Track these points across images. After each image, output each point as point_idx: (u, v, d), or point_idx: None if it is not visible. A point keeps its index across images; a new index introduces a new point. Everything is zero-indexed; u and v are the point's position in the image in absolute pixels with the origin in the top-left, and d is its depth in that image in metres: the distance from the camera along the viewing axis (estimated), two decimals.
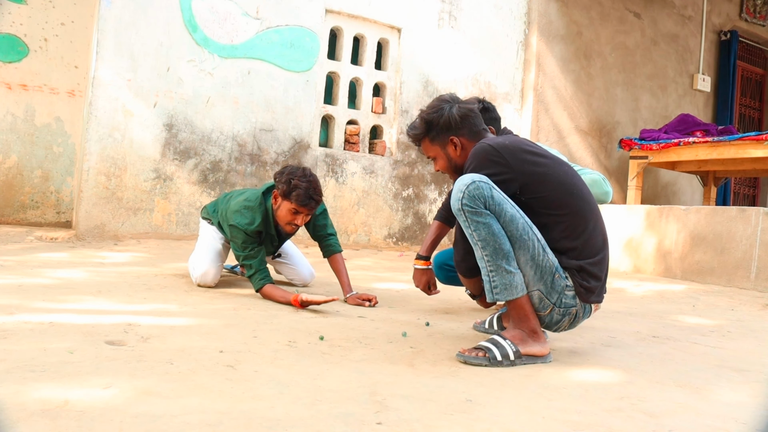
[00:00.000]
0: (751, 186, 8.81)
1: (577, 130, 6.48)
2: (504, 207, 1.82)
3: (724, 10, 7.86)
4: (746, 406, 1.61)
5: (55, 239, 4.23)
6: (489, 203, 1.81)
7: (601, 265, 1.93)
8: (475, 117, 2.10)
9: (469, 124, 2.08)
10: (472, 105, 2.14)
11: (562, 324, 1.95)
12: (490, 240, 1.82)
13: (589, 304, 1.94)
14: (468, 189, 1.81)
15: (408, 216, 5.61)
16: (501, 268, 1.83)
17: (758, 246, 3.97)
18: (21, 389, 1.33)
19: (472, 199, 1.80)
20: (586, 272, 1.89)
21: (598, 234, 1.94)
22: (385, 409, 1.38)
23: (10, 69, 5.03)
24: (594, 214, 1.96)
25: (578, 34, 6.48)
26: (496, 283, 1.85)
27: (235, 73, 4.82)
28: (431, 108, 2.11)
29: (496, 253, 1.82)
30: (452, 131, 2.08)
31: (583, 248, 1.89)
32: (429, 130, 2.10)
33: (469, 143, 2.08)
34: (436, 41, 5.73)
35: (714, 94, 7.82)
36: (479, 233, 1.82)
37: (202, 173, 4.72)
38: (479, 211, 1.81)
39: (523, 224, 1.84)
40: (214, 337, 1.95)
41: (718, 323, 2.92)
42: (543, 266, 1.85)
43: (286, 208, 2.70)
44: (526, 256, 1.84)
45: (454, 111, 2.07)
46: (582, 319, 1.97)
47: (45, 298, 2.37)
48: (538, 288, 1.87)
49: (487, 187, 1.82)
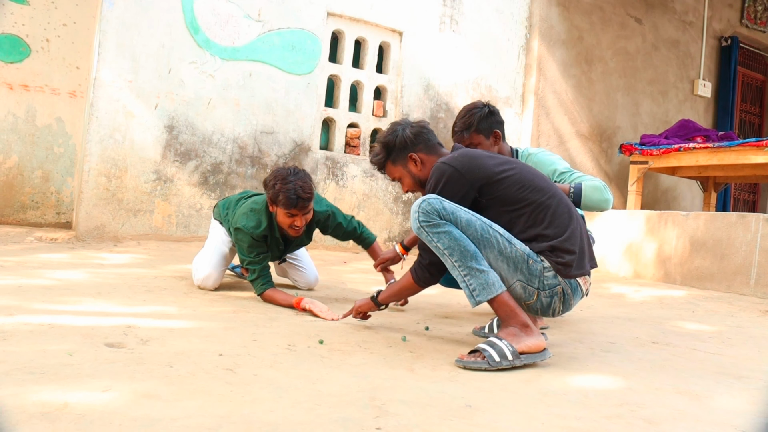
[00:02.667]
0: (751, 192, 8.81)
1: (578, 134, 6.48)
2: (458, 214, 1.94)
3: (724, 16, 7.87)
4: (745, 413, 1.61)
5: (55, 240, 4.23)
6: (443, 214, 1.93)
7: (572, 239, 1.98)
8: (428, 133, 2.26)
9: (423, 140, 2.23)
10: (424, 123, 2.29)
11: (555, 306, 2.00)
12: (454, 246, 1.91)
13: (573, 279, 1.97)
14: (420, 207, 1.94)
15: (408, 219, 5.61)
16: (473, 269, 1.90)
17: (758, 252, 3.97)
18: (20, 391, 1.33)
19: (426, 215, 1.94)
20: (559, 249, 1.96)
21: (563, 213, 2.01)
22: (385, 414, 1.38)
23: (11, 69, 5.03)
24: (554, 198, 2.03)
25: (579, 38, 6.48)
26: (473, 286, 1.91)
27: (237, 76, 4.82)
28: (386, 133, 2.28)
29: (464, 256, 1.91)
30: (409, 149, 2.22)
31: (549, 231, 1.97)
32: (389, 152, 2.26)
33: (427, 157, 2.23)
34: (438, 45, 5.73)
35: (714, 99, 7.82)
36: (443, 242, 1.93)
37: (203, 175, 4.72)
38: (436, 222, 1.93)
39: (480, 225, 1.95)
40: (214, 340, 1.95)
41: (717, 329, 2.92)
42: (514, 257, 1.94)
43: (280, 213, 2.68)
44: (494, 253, 1.94)
45: (407, 131, 2.23)
46: (574, 298, 2.01)
47: (44, 299, 2.37)
48: (518, 278, 1.95)
49: (437, 201, 1.94)
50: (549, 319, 2.84)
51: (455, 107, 5.73)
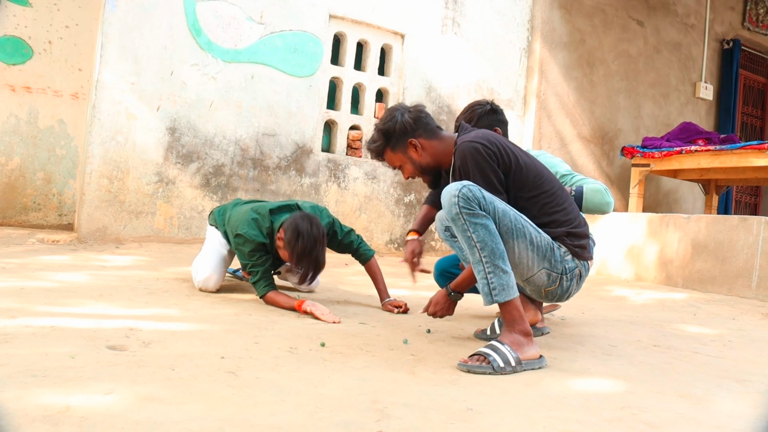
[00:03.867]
0: (753, 195, 8.80)
1: (580, 137, 6.49)
2: (495, 203, 1.93)
3: (726, 19, 7.87)
4: (747, 417, 1.61)
5: (57, 242, 4.24)
6: (483, 203, 1.89)
7: (582, 224, 2.11)
8: (426, 117, 2.21)
9: (423, 125, 2.18)
10: (421, 107, 2.24)
11: (572, 288, 2.09)
12: (488, 241, 1.88)
13: (586, 261, 2.10)
14: (461, 192, 1.87)
15: (410, 222, 5.61)
16: (499, 268, 1.89)
17: (759, 255, 3.97)
18: (22, 394, 1.33)
19: (467, 201, 1.87)
20: (573, 234, 2.06)
21: (569, 205, 2.12)
22: (386, 417, 1.38)
23: (14, 71, 5.04)
24: (561, 189, 2.14)
25: (581, 41, 6.49)
26: (494, 285, 1.89)
27: (239, 78, 4.83)
28: (384, 119, 2.22)
29: (494, 253, 1.89)
30: (409, 134, 2.17)
31: (563, 217, 2.06)
32: (389, 139, 2.20)
33: (427, 142, 2.18)
34: (440, 47, 5.74)
35: (716, 102, 7.82)
36: (478, 234, 1.88)
37: (205, 177, 4.73)
38: (476, 212, 1.88)
39: (514, 215, 1.96)
40: (216, 342, 1.96)
41: (719, 332, 2.91)
42: (542, 245, 1.98)
43: (283, 254, 2.71)
44: (525, 242, 1.96)
45: (406, 116, 2.18)
46: (584, 277, 2.12)
47: (46, 301, 2.37)
48: (544, 266, 2.00)
49: (477, 188, 1.90)
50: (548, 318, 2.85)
51: (457, 109, 5.73)
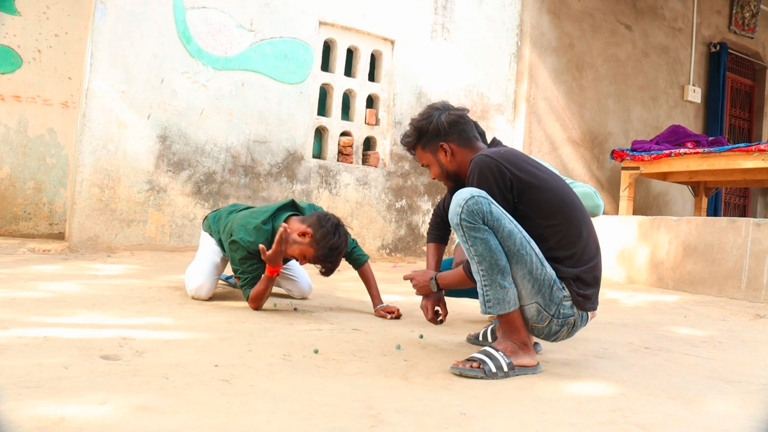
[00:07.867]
0: (742, 196, 8.88)
1: (570, 141, 6.53)
2: (502, 222, 1.83)
3: (713, 23, 7.96)
4: (737, 417, 1.63)
5: (48, 251, 4.22)
6: (487, 218, 1.82)
7: (595, 271, 1.96)
8: (465, 123, 2.12)
9: (458, 131, 2.10)
10: (463, 111, 2.15)
11: (561, 334, 1.96)
12: (486, 255, 1.83)
13: (586, 312, 1.97)
14: (467, 204, 1.82)
15: (401, 227, 5.63)
16: (496, 282, 1.84)
17: (748, 256, 4.01)
18: (16, 406, 1.33)
19: (470, 215, 1.81)
20: (582, 281, 1.91)
21: (592, 242, 1.98)
22: (380, 423, 1.39)
23: (3, 80, 5.02)
24: (587, 223, 2.00)
25: (570, 45, 6.54)
26: (489, 297, 1.87)
27: (229, 85, 4.84)
28: (422, 115, 2.15)
29: (492, 268, 1.84)
30: (441, 137, 2.10)
31: (580, 256, 1.92)
32: (420, 137, 2.14)
33: (459, 149, 2.10)
34: (430, 53, 5.77)
35: (704, 105, 7.90)
36: (476, 248, 1.83)
37: (196, 185, 4.72)
38: (477, 227, 1.81)
39: (521, 239, 1.85)
40: (209, 350, 1.96)
41: (709, 334, 2.94)
42: (541, 280, 1.86)
43: (303, 248, 2.66)
44: (523, 271, 1.85)
45: (443, 118, 2.09)
46: (579, 328, 1.99)
47: (39, 311, 2.36)
48: (536, 301, 1.88)
49: (486, 202, 1.82)
50: None
51: None
